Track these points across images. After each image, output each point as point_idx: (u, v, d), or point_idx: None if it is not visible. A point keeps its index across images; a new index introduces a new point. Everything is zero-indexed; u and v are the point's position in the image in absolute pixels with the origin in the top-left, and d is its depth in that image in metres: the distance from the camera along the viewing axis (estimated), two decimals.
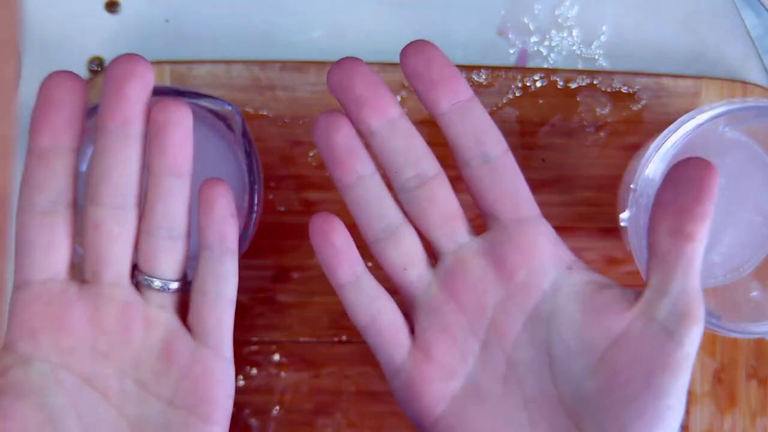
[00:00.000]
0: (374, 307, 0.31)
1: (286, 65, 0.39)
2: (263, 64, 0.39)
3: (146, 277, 0.30)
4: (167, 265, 0.30)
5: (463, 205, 0.31)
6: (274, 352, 0.39)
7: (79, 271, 0.30)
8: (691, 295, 0.28)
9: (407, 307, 0.32)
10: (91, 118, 0.33)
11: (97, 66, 0.39)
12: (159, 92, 0.34)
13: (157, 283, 0.30)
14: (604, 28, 0.41)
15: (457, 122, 0.30)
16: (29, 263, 0.29)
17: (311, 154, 0.39)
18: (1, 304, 0.30)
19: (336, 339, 0.39)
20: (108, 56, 0.40)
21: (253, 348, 0.39)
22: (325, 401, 0.39)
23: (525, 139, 0.39)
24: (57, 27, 0.40)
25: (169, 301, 0.30)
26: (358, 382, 0.39)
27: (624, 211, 0.34)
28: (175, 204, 0.29)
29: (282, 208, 0.39)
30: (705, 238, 0.28)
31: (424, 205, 0.30)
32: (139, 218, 0.30)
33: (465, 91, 0.30)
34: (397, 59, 0.39)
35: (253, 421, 0.39)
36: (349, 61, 0.30)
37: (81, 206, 0.35)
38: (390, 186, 0.31)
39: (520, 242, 0.30)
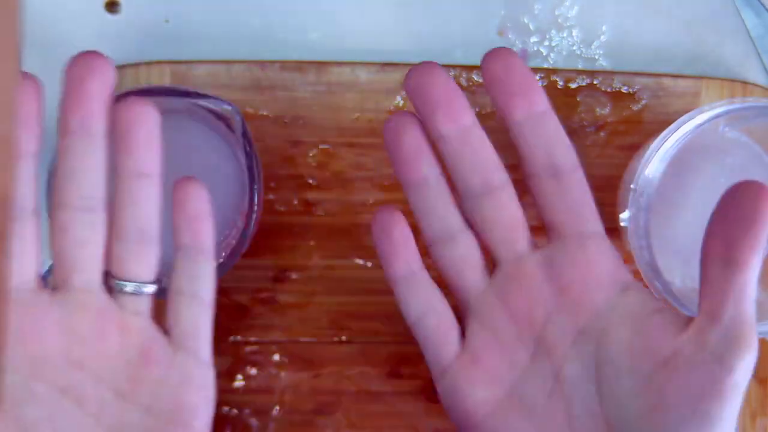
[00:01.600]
0: (426, 305, 0.31)
1: (286, 65, 0.39)
2: (263, 64, 0.39)
3: (118, 281, 0.29)
4: (140, 268, 0.29)
5: (529, 216, 0.31)
6: (274, 352, 0.39)
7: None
8: (743, 323, 0.27)
9: (461, 311, 0.32)
10: None
11: None
12: (159, 92, 0.34)
13: (129, 287, 0.29)
14: (604, 28, 0.41)
15: (529, 133, 0.30)
16: None
17: (311, 154, 0.39)
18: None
19: (336, 339, 0.39)
20: (108, 56, 0.40)
21: (253, 348, 0.39)
22: (325, 401, 0.39)
23: None
24: (57, 27, 0.40)
25: (143, 306, 0.29)
26: (358, 382, 0.39)
27: (624, 211, 0.34)
28: (145, 206, 0.29)
29: (282, 208, 0.39)
30: (758, 266, 0.27)
31: (487, 213, 0.30)
32: (109, 222, 0.29)
33: (541, 103, 0.30)
34: (396, 59, 0.40)
35: (253, 421, 0.39)
36: (428, 65, 0.30)
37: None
38: (456, 193, 0.31)
39: (579, 258, 0.30)
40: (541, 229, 0.31)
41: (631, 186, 0.34)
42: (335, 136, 0.39)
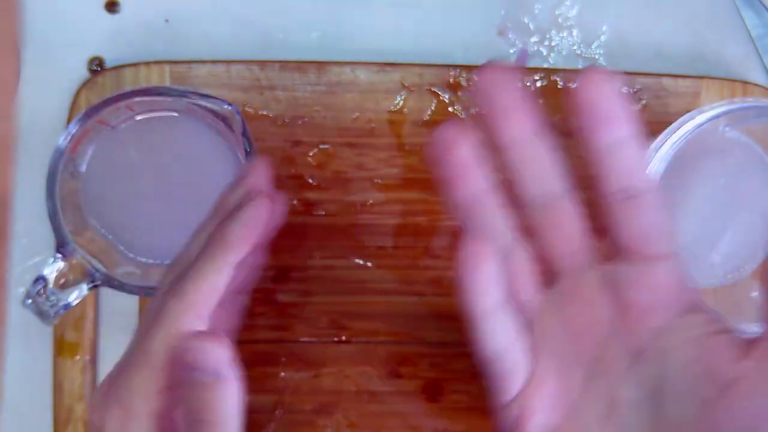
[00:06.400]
0: (507, 342, 0.29)
1: (286, 65, 0.39)
2: (263, 64, 0.39)
3: None
4: None
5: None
6: (274, 352, 0.39)
7: (78, 272, 0.30)
8: None
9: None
10: (92, 117, 0.33)
11: (97, 66, 0.39)
12: (159, 92, 0.34)
13: None
14: (604, 28, 0.41)
15: (611, 158, 0.28)
16: None
17: (311, 154, 0.39)
18: (1, 304, 0.30)
19: (336, 339, 0.39)
20: (108, 56, 0.40)
21: (254, 348, 0.39)
22: (325, 401, 0.39)
23: None
24: (57, 27, 0.40)
25: None
26: (358, 382, 0.39)
27: None
28: None
29: None
30: None
31: (549, 224, 0.29)
32: None
33: (628, 128, 0.28)
34: (396, 59, 0.40)
35: (254, 421, 0.39)
36: (501, 67, 0.28)
37: (82, 206, 0.35)
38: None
39: (645, 280, 0.28)
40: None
41: None
42: (335, 136, 0.39)
